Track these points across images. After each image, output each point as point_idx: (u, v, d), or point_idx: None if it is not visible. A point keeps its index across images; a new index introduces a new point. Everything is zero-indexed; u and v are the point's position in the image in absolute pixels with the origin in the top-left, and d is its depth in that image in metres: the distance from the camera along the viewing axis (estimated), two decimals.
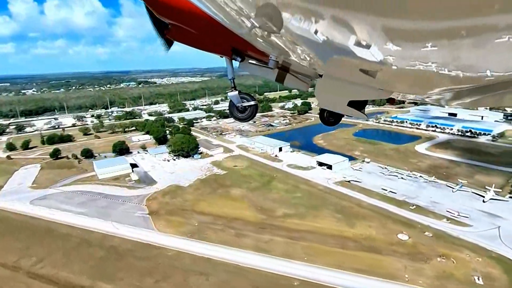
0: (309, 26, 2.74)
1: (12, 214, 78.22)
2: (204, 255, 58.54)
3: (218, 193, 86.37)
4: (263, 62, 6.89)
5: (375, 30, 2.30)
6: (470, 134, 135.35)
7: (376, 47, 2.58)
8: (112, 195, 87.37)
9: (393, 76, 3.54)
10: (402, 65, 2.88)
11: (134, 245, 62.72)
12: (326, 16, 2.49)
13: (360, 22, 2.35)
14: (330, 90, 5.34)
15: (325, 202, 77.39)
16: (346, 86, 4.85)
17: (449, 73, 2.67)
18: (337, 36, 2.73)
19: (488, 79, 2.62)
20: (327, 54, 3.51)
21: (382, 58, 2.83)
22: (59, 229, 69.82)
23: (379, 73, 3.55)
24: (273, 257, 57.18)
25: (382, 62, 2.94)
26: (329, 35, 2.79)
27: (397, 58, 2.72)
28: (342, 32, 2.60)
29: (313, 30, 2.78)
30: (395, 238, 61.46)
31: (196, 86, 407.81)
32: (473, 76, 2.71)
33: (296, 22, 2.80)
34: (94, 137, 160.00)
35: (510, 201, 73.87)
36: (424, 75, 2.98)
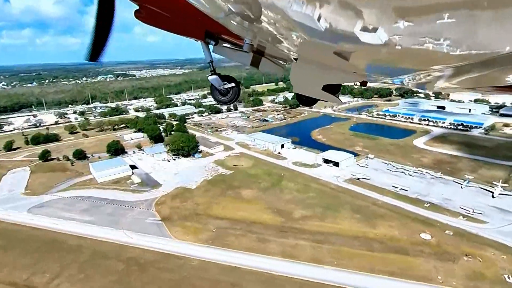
0: (284, 9, 2.78)
1: (11, 226, 72.63)
2: (230, 264, 56.60)
3: (228, 194, 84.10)
4: (237, 46, 6.82)
5: (348, 12, 2.33)
6: (462, 127, 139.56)
7: (349, 29, 2.58)
8: (117, 201, 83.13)
9: (366, 58, 3.63)
10: (374, 47, 2.87)
11: (154, 255, 59.72)
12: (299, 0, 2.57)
13: (333, 5, 2.39)
14: (304, 74, 5.43)
15: (340, 202, 77.06)
16: (320, 70, 4.94)
17: (422, 55, 2.72)
18: (311, 19, 2.73)
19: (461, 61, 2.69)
20: (301, 37, 3.52)
21: (356, 41, 2.81)
22: (68, 241, 65.43)
23: (353, 56, 3.58)
24: (302, 263, 56.14)
25: (355, 44, 2.96)
26: (302, 18, 2.80)
27: (370, 41, 2.71)
28: (316, 15, 2.62)
29: (288, 13, 2.83)
30: (418, 238, 61.97)
31: (180, 79, 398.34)
32: (446, 58, 2.71)
33: (272, 5, 2.87)
34: (82, 136, 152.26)
35: None
36: (396, 57, 3.04)
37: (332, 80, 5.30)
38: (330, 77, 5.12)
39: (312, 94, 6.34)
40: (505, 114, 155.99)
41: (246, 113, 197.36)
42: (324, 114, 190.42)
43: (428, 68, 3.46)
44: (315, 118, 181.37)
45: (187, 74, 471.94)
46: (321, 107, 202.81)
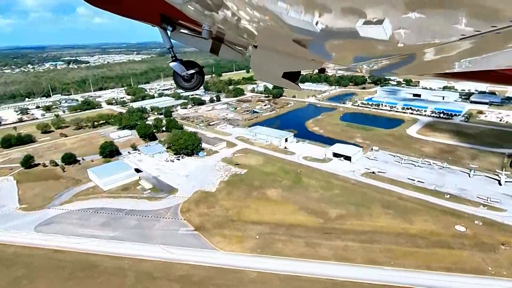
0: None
1: (23, 249, 64.18)
2: (290, 273, 55.66)
3: (254, 196, 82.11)
4: (196, 32, 6.69)
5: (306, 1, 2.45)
6: (443, 115, 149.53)
7: (308, 17, 2.69)
8: (135, 211, 77.16)
9: (324, 46, 3.75)
10: (331, 36, 3.04)
11: (206, 271, 56.66)
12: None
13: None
14: (264, 61, 5.51)
15: (368, 198, 78.99)
16: (280, 57, 5.04)
17: (375, 44, 2.89)
18: (271, 6, 2.80)
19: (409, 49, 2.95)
20: (261, 24, 3.61)
21: (313, 29, 2.96)
22: (103, 262, 59.52)
23: (311, 44, 3.75)
24: (360, 266, 56.97)
25: (314, 32, 3.08)
26: (262, 5, 2.88)
27: (328, 29, 2.85)
28: (275, 4, 2.70)
29: (248, 1, 2.90)
30: (454, 230, 65.84)
31: (144, 67, 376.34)
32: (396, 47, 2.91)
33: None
34: (60, 136, 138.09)
35: None
36: (352, 46, 3.23)
37: (291, 67, 5.35)
38: (290, 64, 5.17)
39: (272, 81, 6.43)
40: (475, 101, 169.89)
41: (231, 104, 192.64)
42: (309, 103, 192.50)
43: (379, 56, 3.62)
44: (302, 108, 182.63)
45: (148, 61, 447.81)
46: (304, 97, 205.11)
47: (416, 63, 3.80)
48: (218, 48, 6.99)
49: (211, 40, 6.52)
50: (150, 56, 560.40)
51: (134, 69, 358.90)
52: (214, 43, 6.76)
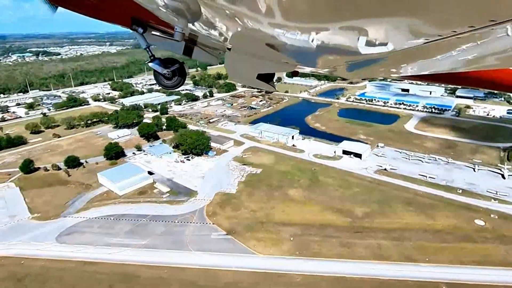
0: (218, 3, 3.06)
1: (49, 263, 61.01)
2: (334, 275, 56.99)
3: (276, 197, 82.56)
4: (168, 34, 6.72)
5: (278, 7, 2.62)
6: (435, 110, 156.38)
7: (280, 22, 2.89)
8: (159, 216, 75.31)
9: (297, 50, 3.95)
10: (304, 40, 3.26)
11: (251, 277, 56.76)
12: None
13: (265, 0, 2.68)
14: (238, 63, 5.70)
15: (388, 195, 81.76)
16: (253, 59, 5.26)
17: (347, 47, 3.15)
18: (242, 10, 3.00)
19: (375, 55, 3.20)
20: (233, 28, 3.77)
21: (286, 33, 3.20)
22: (141, 273, 57.92)
23: (284, 48, 3.97)
24: (398, 263, 59.31)
25: (286, 37, 3.32)
26: (233, 10, 3.06)
27: (300, 33, 3.10)
28: (247, 7, 2.89)
29: (221, 7, 3.10)
30: (474, 224, 69.90)
31: (124, 60, 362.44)
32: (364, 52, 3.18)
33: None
34: (53, 136, 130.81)
35: None
36: (323, 50, 3.46)
37: (265, 69, 5.55)
38: (263, 67, 5.36)
39: (247, 82, 6.58)
40: (461, 96, 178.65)
41: (226, 100, 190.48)
42: (303, 99, 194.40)
43: (348, 60, 3.86)
44: (297, 104, 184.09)
45: (126, 53, 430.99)
46: (296, 92, 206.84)
47: (382, 66, 4.05)
48: (191, 51, 7.01)
49: (183, 43, 6.49)
50: (125, 48, 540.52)
51: (114, 62, 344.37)
52: (187, 46, 6.76)
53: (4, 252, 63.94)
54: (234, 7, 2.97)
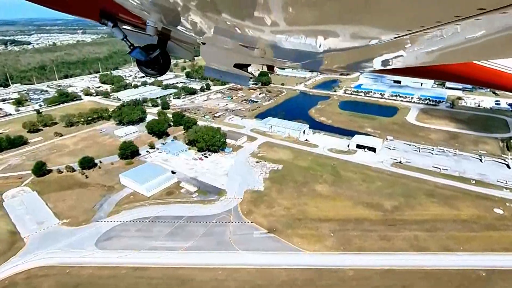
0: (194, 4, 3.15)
1: (98, 270, 59.99)
2: (382, 268, 60.18)
3: (305, 193, 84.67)
4: (139, 28, 6.61)
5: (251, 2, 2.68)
6: (429, 102, 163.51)
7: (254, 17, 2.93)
8: (195, 217, 75.35)
9: (271, 48, 4.10)
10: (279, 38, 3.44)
11: (305, 274, 58.79)
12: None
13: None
14: (214, 56, 5.72)
15: (409, 188, 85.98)
16: (228, 53, 5.29)
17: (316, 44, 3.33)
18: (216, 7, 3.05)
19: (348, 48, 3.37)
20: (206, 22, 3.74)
21: (260, 34, 3.35)
22: (195, 276, 58.37)
23: (258, 46, 4.13)
24: (437, 253, 63.41)
25: (260, 37, 3.51)
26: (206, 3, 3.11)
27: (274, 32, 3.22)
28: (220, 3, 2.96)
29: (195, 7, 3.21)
30: (494, 213, 75.48)
31: (105, 50, 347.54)
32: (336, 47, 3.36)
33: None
34: (55, 135, 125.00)
35: None
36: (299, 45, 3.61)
37: (241, 61, 5.62)
38: (239, 59, 5.48)
39: (221, 77, 6.61)
40: (450, 87, 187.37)
41: (224, 92, 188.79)
42: (300, 91, 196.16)
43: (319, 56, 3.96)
44: (296, 97, 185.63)
45: (105, 43, 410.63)
46: (292, 84, 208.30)
47: (354, 61, 4.19)
48: (165, 45, 6.89)
49: (156, 37, 6.40)
50: (101, 37, 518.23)
51: (95, 52, 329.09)
52: (160, 40, 6.64)
53: (45, 262, 62.01)
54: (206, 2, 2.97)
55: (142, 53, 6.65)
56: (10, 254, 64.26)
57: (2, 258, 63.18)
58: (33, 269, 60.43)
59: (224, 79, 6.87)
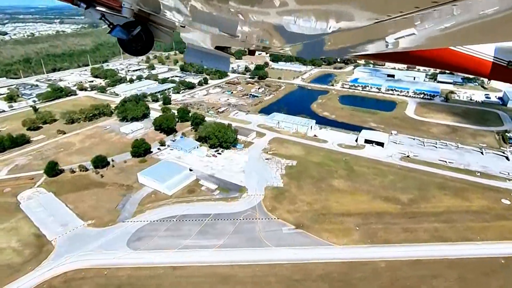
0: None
1: (135, 271, 60.30)
2: (410, 258, 63.56)
3: (324, 188, 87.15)
4: (115, 10, 6.41)
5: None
6: (425, 96, 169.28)
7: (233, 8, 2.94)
8: (221, 214, 76.39)
9: (252, 32, 4.18)
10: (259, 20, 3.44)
11: (339, 267, 61.40)
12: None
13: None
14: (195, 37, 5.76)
15: (421, 181, 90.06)
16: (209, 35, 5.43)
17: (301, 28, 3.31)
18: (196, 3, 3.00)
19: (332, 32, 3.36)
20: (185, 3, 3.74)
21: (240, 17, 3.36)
22: (235, 273, 59.78)
23: (238, 31, 4.17)
24: (458, 243, 67.44)
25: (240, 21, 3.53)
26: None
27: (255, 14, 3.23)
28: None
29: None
30: (502, 204, 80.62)
31: (89, 41, 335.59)
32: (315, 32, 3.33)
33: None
34: (58, 133, 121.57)
35: None
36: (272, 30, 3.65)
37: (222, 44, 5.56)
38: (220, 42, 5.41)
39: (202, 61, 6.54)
40: (441, 81, 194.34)
41: (223, 87, 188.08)
42: (298, 86, 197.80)
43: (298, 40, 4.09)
44: (295, 91, 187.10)
45: (87, 34, 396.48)
46: (289, 78, 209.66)
47: (335, 46, 4.25)
48: (146, 23, 6.72)
49: (133, 20, 6.23)
50: (81, 27, 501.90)
51: (80, 44, 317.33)
52: (137, 23, 6.45)
53: (80, 264, 61.66)
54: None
55: (123, 31, 6.36)
56: (41, 257, 63.39)
57: (34, 262, 62.29)
58: (69, 272, 60.02)
59: (205, 64, 6.79)
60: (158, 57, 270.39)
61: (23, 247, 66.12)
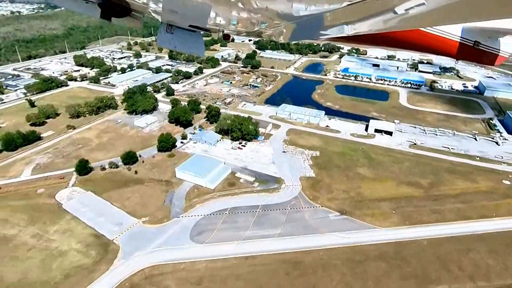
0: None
1: (211, 263, 63.61)
2: (447, 236, 73.08)
3: (352, 176, 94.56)
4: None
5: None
6: (411, 85, 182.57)
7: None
8: (269, 205, 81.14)
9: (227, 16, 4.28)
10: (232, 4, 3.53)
11: (391, 247, 69.29)
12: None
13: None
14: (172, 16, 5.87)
15: (433, 167, 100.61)
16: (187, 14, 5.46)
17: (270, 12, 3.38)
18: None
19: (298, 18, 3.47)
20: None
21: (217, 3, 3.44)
22: (302, 258, 65.37)
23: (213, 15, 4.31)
24: (480, 220, 78.12)
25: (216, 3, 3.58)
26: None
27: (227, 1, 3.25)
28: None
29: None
30: (504, 184, 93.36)
31: (58, 25, 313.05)
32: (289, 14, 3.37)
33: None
34: (67, 128, 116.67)
35: (508, 141, 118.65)
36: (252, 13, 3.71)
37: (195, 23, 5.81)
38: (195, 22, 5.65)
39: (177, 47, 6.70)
40: (422, 71, 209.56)
41: (219, 76, 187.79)
42: (293, 75, 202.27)
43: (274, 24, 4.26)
44: (292, 81, 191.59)
45: (51, 16, 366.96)
46: (282, 68, 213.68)
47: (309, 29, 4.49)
48: (111, 14, 6.59)
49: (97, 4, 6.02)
50: (39, 7, 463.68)
51: (48, 28, 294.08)
52: (104, 8, 6.31)
53: (153, 260, 63.61)
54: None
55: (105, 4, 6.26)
56: (110, 257, 64.28)
57: (104, 261, 63.14)
58: (146, 268, 61.94)
59: (178, 48, 6.77)
60: (140, 43, 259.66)
61: (86, 248, 66.30)
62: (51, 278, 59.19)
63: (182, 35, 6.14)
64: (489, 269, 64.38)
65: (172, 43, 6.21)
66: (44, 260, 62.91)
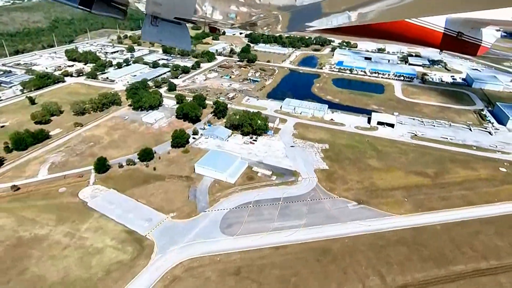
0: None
1: (244, 254, 66.76)
2: (456, 220, 79.04)
3: (363, 167, 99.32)
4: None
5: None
6: (404, 78, 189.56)
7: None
8: (290, 197, 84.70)
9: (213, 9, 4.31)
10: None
11: (407, 232, 74.45)
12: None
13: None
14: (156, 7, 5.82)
15: (436, 156, 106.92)
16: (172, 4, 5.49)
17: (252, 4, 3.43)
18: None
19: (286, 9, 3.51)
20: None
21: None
22: (330, 246, 69.47)
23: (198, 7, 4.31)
24: (485, 206, 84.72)
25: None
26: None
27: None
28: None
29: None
30: (501, 171, 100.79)
31: (40, 18, 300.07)
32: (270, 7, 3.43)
33: None
34: (75, 126, 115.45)
35: (499, 131, 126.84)
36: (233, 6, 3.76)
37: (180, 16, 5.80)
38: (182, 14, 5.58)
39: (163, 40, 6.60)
40: (413, 64, 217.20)
41: (218, 71, 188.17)
42: (290, 69, 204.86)
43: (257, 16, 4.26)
44: (289, 75, 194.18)
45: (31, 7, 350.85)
46: (278, 62, 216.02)
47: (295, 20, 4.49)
48: (91, 2, 6.29)
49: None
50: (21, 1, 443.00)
51: (31, 21, 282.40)
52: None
53: (189, 253, 65.99)
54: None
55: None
56: (147, 252, 66.12)
57: (142, 256, 64.95)
58: (184, 261, 64.28)
59: (164, 42, 6.78)
60: (131, 37, 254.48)
61: (122, 244, 67.76)
62: (93, 275, 60.57)
63: (167, 28, 6.12)
64: (499, 249, 70.73)
65: (157, 36, 6.16)
66: (82, 258, 64.03)
